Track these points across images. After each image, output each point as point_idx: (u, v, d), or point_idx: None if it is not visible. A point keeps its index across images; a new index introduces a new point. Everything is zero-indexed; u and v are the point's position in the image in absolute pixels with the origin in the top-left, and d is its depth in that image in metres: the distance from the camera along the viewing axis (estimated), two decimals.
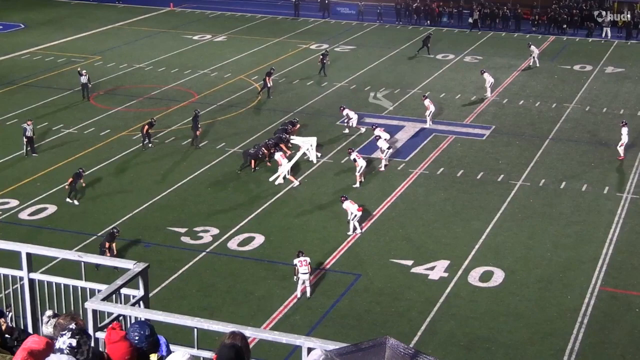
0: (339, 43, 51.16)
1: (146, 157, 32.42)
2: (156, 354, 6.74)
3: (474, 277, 23.85)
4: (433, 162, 32.24)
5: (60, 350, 5.82)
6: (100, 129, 35.40)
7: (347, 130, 35.30)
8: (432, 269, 24.37)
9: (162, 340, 7.08)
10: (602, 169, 31.81)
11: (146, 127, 32.99)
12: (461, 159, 32.72)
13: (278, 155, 30.44)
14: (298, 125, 33.93)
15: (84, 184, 28.98)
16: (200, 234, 26.41)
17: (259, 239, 26.15)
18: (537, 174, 31.23)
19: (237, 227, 26.84)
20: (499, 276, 23.98)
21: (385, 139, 32.01)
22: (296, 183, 30.04)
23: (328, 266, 24.40)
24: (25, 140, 32.34)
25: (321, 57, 43.96)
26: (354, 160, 30.11)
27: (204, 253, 25.27)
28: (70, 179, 28.42)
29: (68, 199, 28.42)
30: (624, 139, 32.33)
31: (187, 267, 24.45)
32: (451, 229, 26.96)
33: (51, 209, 28.12)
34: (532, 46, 46.45)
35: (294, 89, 41.59)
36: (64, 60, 46.34)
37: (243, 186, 30.11)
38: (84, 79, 38.86)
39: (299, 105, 38.73)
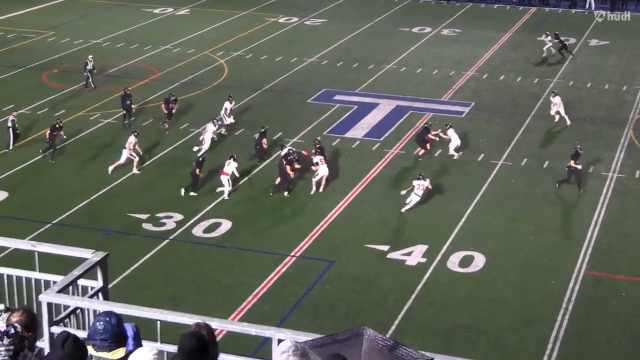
0: (310, 16, 50.93)
1: (104, 138, 32.11)
2: (123, 348, 6.65)
3: (453, 262, 23.96)
4: (410, 142, 32.26)
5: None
6: (54, 110, 34.98)
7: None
8: (409, 254, 24.44)
9: (133, 331, 6.97)
10: (586, 147, 32.01)
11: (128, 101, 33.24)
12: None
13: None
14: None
15: (64, 136, 31.03)
16: (163, 220, 26.25)
17: (226, 225, 26.05)
18: (519, 153, 31.39)
19: (203, 212, 26.71)
20: (479, 261, 24.11)
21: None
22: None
23: (299, 253, 24.38)
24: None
25: (560, 44, 41.93)
26: (316, 164, 28.19)
27: (167, 240, 25.13)
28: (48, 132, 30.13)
29: (49, 158, 30.23)
30: None
31: (149, 255, 24.31)
32: (429, 211, 27.03)
33: (1, 195, 27.79)
34: (548, 36, 43.08)
35: (261, 65, 41.38)
36: (15, 36, 45.69)
37: (208, 169, 29.91)
38: (90, 66, 37.21)
39: (267, 82, 38.55)
